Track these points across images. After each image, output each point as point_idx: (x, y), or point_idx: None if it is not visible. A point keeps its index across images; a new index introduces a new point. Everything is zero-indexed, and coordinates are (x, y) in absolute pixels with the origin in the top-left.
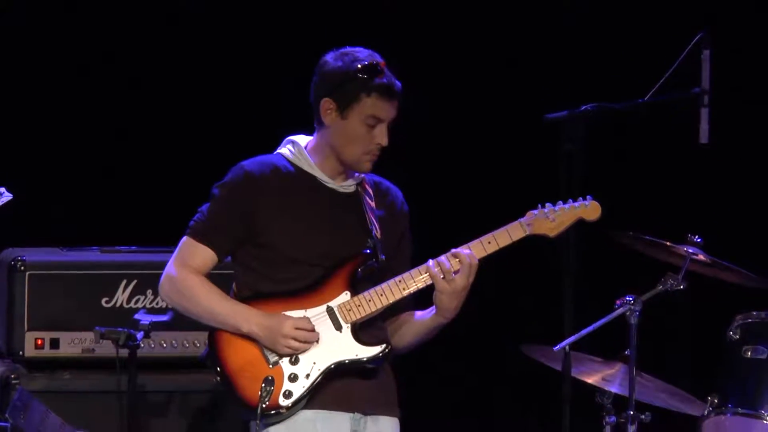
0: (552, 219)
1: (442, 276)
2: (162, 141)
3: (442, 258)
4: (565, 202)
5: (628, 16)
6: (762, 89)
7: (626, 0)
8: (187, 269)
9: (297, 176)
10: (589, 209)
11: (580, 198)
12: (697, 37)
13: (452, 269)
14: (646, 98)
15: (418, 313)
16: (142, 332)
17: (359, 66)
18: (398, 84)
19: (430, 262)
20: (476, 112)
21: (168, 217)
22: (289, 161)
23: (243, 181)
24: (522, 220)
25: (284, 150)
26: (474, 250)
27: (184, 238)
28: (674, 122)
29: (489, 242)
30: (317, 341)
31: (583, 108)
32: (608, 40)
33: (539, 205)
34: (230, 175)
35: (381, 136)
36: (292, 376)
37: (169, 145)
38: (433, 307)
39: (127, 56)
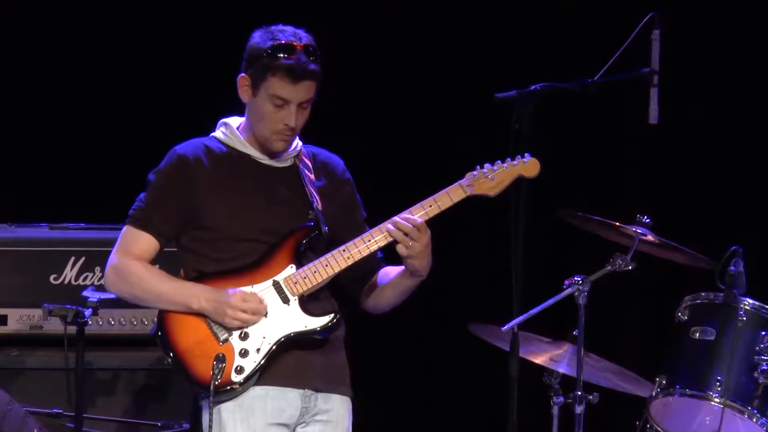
0: (491, 178)
1: (397, 242)
2: (112, 118)
3: (390, 226)
4: (503, 161)
5: None
6: (711, 70)
7: None
8: (130, 257)
9: (231, 156)
10: (527, 165)
11: (518, 156)
12: (647, 17)
13: (404, 235)
14: (595, 78)
15: (392, 271)
16: (90, 309)
17: (271, 44)
18: (311, 66)
19: (386, 223)
20: (427, 91)
21: (117, 195)
22: (222, 142)
23: (177, 165)
24: (461, 181)
25: (217, 133)
26: (416, 214)
27: (125, 228)
28: (624, 102)
29: (430, 205)
30: (266, 315)
31: (533, 87)
32: (559, 20)
33: (477, 166)
34: (164, 161)
35: (288, 118)
36: (242, 351)
37: (118, 122)
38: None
39: (76, 30)
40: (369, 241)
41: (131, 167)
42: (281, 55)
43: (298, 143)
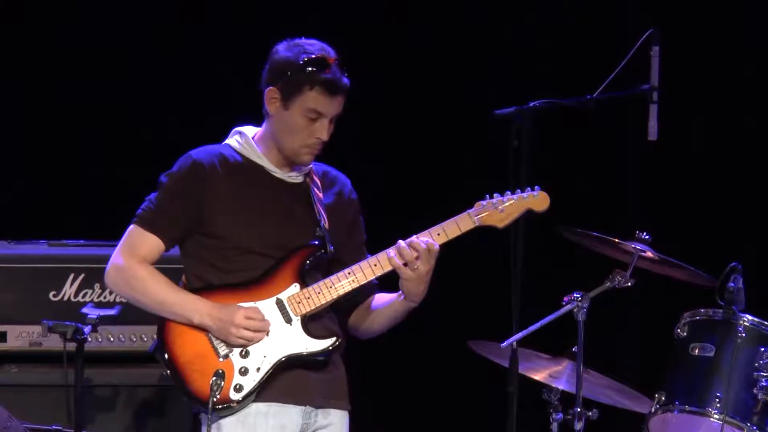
0: (501, 210)
1: (404, 263)
2: (109, 134)
3: (402, 245)
4: (513, 193)
5: (578, 11)
6: (709, 86)
7: None
8: (135, 258)
9: (245, 166)
10: (537, 199)
11: (528, 188)
12: (646, 34)
13: (413, 256)
14: (595, 94)
15: (386, 297)
16: (89, 326)
17: (306, 58)
18: (345, 81)
19: (391, 252)
20: (427, 107)
21: (115, 211)
22: (237, 151)
23: (191, 170)
24: (470, 211)
25: (232, 140)
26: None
27: (132, 227)
28: (623, 118)
29: (438, 234)
30: (267, 334)
31: (532, 104)
32: (558, 36)
33: (487, 196)
34: (178, 164)
35: (321, 131)
36: (242, 369)
37: (115, 138)
38: (400, 292)
39: (71, 46)
40: (375, 265)
41: (130, 184)
42: (317, 68)
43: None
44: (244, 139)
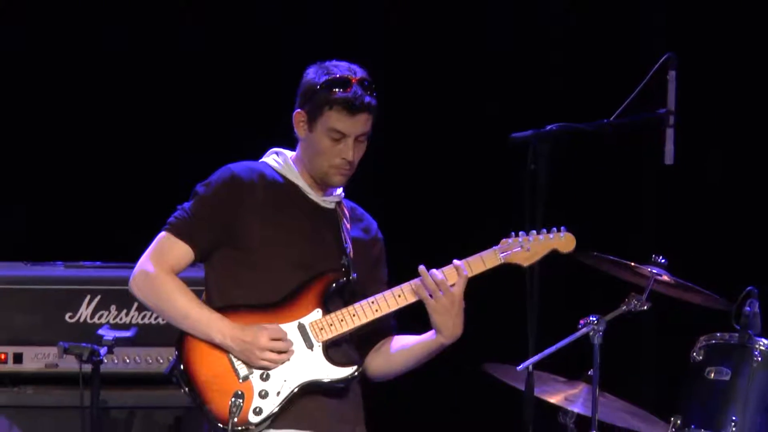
0: (527, 249)
1: (428, 294)
2: (126, 156)
3: (429, 274)
4: (539, 232)
5: (595, 35)
6: (726, 110)
7: (593, 20)
8: (164, 267)
9: (282, 185)
10: (563, 241)
11: (554, 228)
12: (663, 58)
13: (437, 286)
14: (611, 118)
15: (410, 338)
16: (105, 348)
17: (327, 79)
18: (367, 99)
19: (416, 280)
20: (444, 130)
21: (132, 233)
22: (275, 169)
23: (230, 183)
24: (496, 247)
25: (270, 159)
26: (447, 276)
27: (163, 234)
28: (640, 142)
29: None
30: (289, 358)
31: (549, 128)
32: (576, 60)
33: (512, 233)
34: (217, 175)
35: (346, 151)
36: (263, 392)
37: (133, 160)
38: (433, 331)
39: (88, 67)
40: (399, 296)
41: (146, 206)
42: (338, 88)
43: (342, 192)
44: (283, 159)
